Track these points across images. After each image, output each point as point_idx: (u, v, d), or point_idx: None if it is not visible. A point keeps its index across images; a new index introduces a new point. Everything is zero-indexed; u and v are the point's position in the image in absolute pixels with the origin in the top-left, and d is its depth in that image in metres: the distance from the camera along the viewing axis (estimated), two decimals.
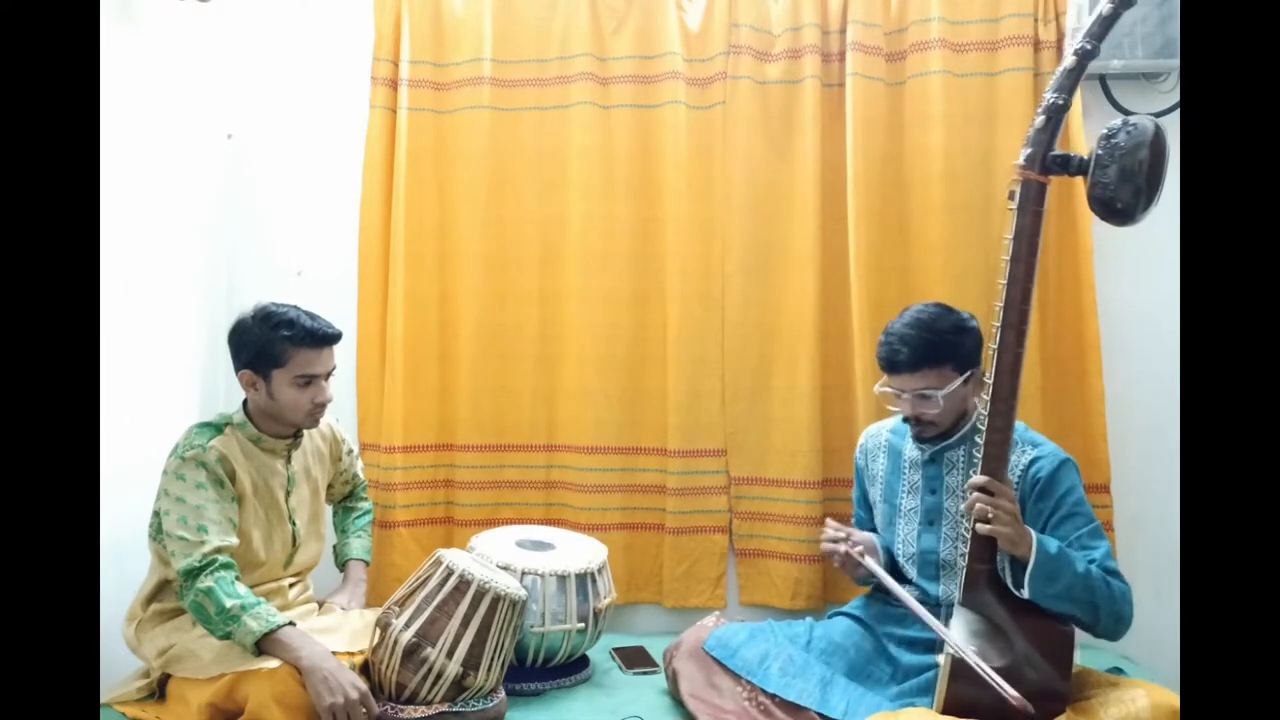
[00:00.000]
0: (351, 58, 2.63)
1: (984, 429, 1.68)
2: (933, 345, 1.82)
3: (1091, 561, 1.69)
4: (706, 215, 2.57)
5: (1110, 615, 1.68)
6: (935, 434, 1.90)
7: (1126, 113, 2.43)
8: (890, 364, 1.86)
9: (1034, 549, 1.63)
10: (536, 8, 2.60)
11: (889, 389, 1.89)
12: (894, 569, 2.00)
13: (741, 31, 2.56)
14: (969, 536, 1.70)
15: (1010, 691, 1.53)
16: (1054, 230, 2.49)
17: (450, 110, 2.60)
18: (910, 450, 1.99)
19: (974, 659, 1.59)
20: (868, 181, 2.49)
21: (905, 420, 1.93)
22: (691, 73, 2.58)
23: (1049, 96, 1.63)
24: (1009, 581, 1.70)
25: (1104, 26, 1.61)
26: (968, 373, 1.85)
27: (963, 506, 1.72)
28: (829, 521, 2.00)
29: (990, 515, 1.64)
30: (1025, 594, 1.65)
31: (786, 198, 2.56)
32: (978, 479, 1.68)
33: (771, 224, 2.56)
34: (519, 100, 2.60)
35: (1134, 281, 2.52)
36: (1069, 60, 1.63)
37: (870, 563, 1.88)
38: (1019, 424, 1.77)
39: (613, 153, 2.59)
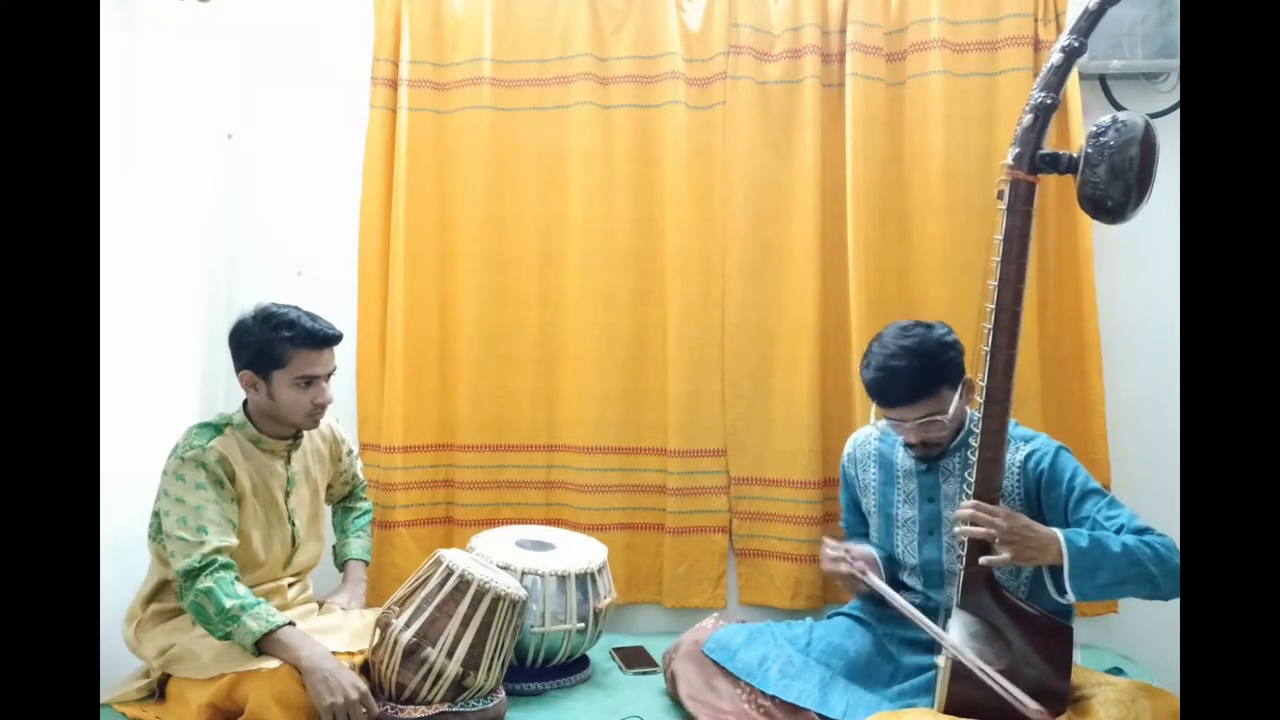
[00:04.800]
0: (351, 58, 2.63)
1: (978, 432, 1.66)
2: (926, 373, 1.76)
3: (1121, 530, 1.64)
4: (706, 215, 2.57)
5: (1167, 575, 1.59)
6: (939, 451, 1.87)
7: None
8: (887, 399, 1.79)
9: (1064, 552, 1.58)
10: (536, 8, 2.60)
11: (890, 419, 1.83)
12: (892, 578, 1.97)
13: (741, 32, 2.56)
14: (965, 540, 1.68)
15: (1032, 705, 1.51)
16: (1054, 230, 2.49)
17: (450, 110, 2.60)
18: (903, 459, 1.96)
19: (993, 673, 1.57)
20: (868, 181, 2.49)
21: (909, 446, 1.89)
22: (691, 73, 2.58)
23: (1036, 95, 1.61)
24: (1053, 591, 1.65)
25: (1090, 22, 1.59)
26: (959, 385, 1.81)
27: (955, 530, 1.69)
28: (827, 540, 1.96)
29: (997, 541, 1.61)
30: (1073, 598, 1.60)
31: (786, 198, 2.56)
32: (963, 511, 1.65)
33: (771, 224, 2.56)
34: (519, 100, 2.60)
35: (1134, 281, 2.52)
36: (1055, 57, 1.61)
37: (873, 579, 1.85)
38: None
39: (613, 153, 2.59)
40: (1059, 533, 1.62)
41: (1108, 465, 2.44)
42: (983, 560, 1.62)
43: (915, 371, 1.76)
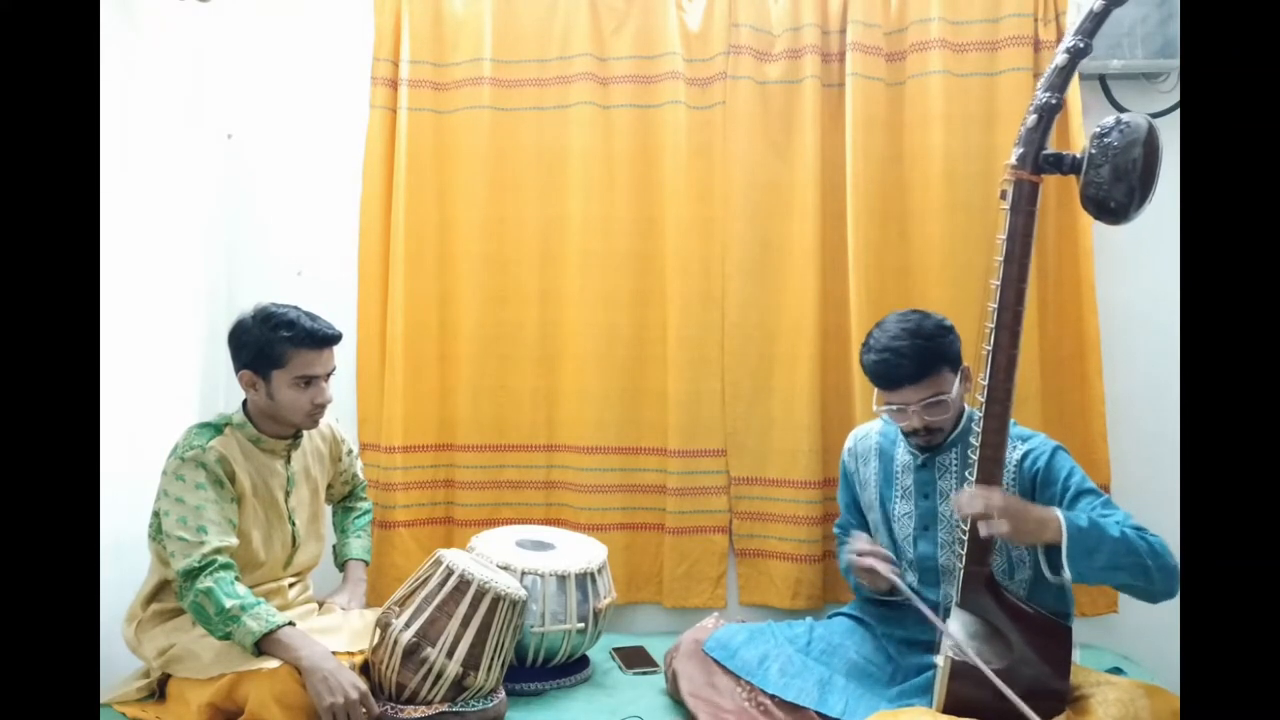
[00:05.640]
0: (351, 58, 2.63)
1: (978, 430, 1.66)
2: (929, 351, 1.78)
3: (1118, 523, 1.65)
4: (706, 215, 2.57)
5: (1161, 570, 1.60)
6: (941, 440, 1.87)
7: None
8: (892, 380, 1.80)
9: (1064, 529, 1.59)
10: (536, 8, 2.60)
11: (892, 405, 1.83)
12: None
13: (741, 31, 2.56)
14: (965, 539, 1.68)
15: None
16: (1054, 230, 2.49)
17: (450, 110, 2.60)
18: (901, 455, 1.96)
19: (1002, 684, 1.55)
20: (868, 181, 2.49)
21: (912, 433, 1.87)
22: (691, 73, 2.58)
23: (1041, 95, 1.62)
24: (1047, 570, 1.65)
25: (1095, 23, 1.59)
26: (959, 371, 1.83)
27: (957, 515, 1.69)
28: (857, 534, 1.96)
29: (995, 515, 1.60)
30: (1068, 576, 1.60)
31: (786, 198, 2.56)
32: (962, 496, 1.65)
33: (771, 224, 2.57)
34: (519, 100, 2.60)
35: (1134, 281, 2.52)
36: (1060, 58, 1.61)
37: (899, 581, 1.82)
38: None
39: (613, 153, 2.59)
40: (1058, 511, 1.63)
41: (1108, 465, 2.44)
42: (981, 527, 1.62)
43: (917, 351, 1.77)
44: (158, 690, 1.83)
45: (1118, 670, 1.97)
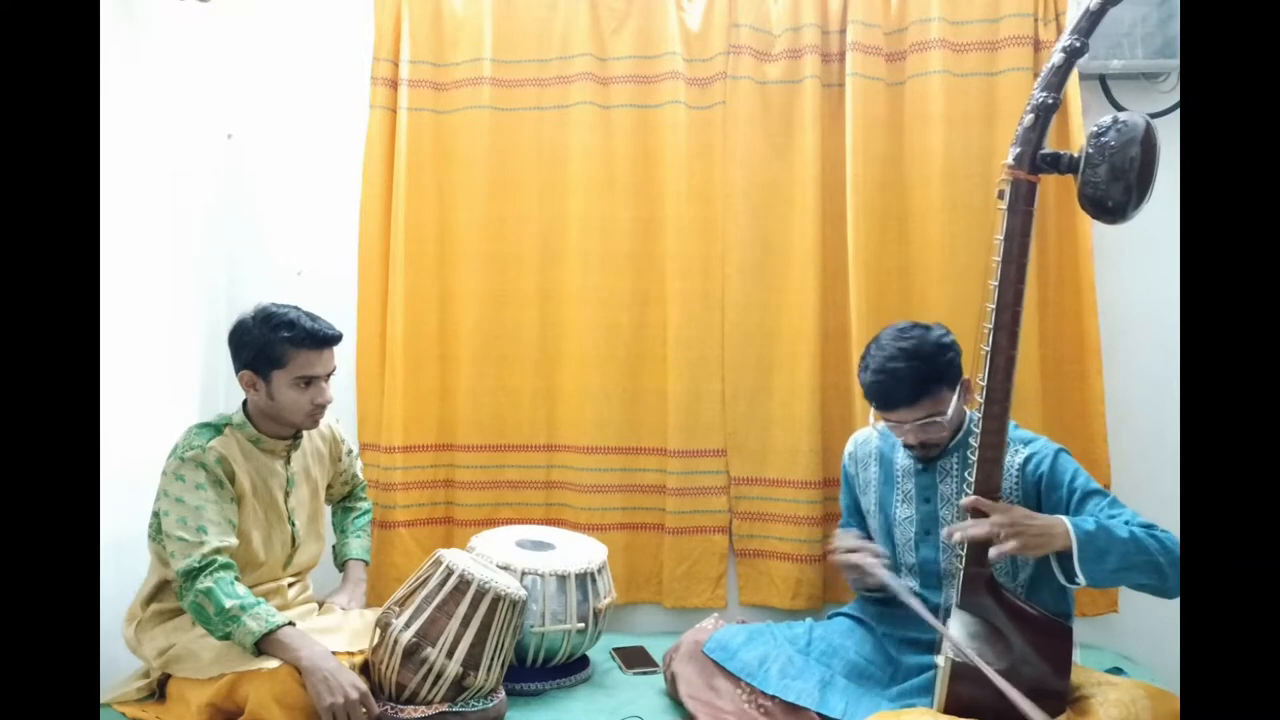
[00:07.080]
0: (351, 58, 2.63)
1: (978, 431, 1.66)
2: (924, 375, 1.76)
3: (1126, 523, 1.64)
4: (706, 215, 2.57)
5: (1173, 565, 1.59)
6: (938, 452, 1.87)
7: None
8: (886, 402, 1.79)
9: (1072, 535, 1.59)
10: (537, 8, 2.60)
11: (888, 420, 1.83)
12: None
13: (741, 31, 2.56)
14: (965, 540, 1.68)
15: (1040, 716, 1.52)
16: (1054, 230, 2.49)
17: (450, 110, 2.60)
18: (902, 459, 1.96)
19: (998, 678, 1.56)
20: (867, 181, 2.49)
21: (908, 447, 1.88)
22: (691, 73, 2.58)
23: (1037, 95, 1.62)
24: (1060, 577, 1.65)
25: (1091, 22, 1.59)
26: (958, 386, 1.82)
27: (955, 537, 1.68)
28: (843, 533, 1.96)
29: (1001, 534, 1.60)
30: (1082, 582, 1.60)
31: (786, 198, 2.56)
32: (965, 502, 1.65)
33: (771, 224, 2.57)
34: (519, 100, 2.60)
35: (1134, 281, 2.52)
36: (1056, 57, 1.61)
37: (886, 575, 1.84)
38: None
39: (613, 153, 2.59)
40: (1064, 518, 1.63)
41: (1108, 465, 2.44)
42: (992, 552, 1.60)
43: (913, 374, 1.76)
44: (158, 690, 1.84)
45: (1118, 670, 1.98)
